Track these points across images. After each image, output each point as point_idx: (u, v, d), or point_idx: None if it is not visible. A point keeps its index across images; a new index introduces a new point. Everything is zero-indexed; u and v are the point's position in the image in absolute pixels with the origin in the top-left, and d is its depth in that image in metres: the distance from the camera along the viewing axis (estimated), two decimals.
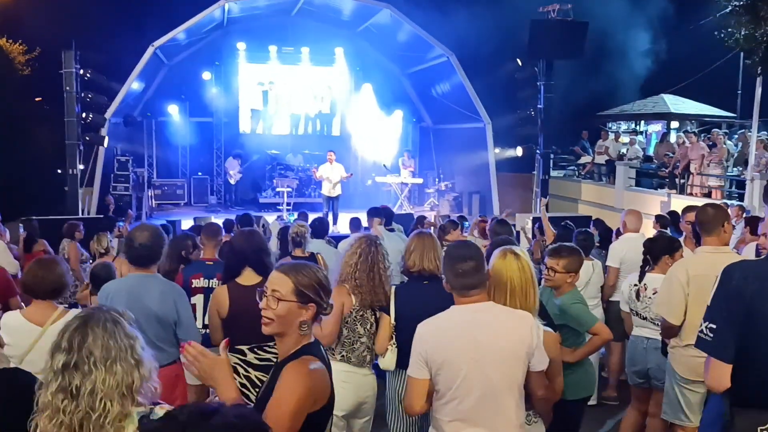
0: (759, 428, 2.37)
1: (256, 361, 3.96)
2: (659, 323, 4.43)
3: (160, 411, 2.06)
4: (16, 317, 3.68)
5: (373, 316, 4.08)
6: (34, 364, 3.53)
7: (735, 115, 22.54)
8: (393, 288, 4.05)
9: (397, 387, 4.06)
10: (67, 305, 7.95)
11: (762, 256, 2.61)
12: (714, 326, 2.46)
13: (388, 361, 3.95)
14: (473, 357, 2.79)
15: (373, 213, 7.63)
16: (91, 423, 1.95)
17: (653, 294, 4.62)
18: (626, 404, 5.11)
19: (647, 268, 4.80)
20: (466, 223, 10.27)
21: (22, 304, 4.82)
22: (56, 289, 3.78)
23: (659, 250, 4.76)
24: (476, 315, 2.87)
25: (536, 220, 11.15)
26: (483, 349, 2.79)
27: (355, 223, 8.14)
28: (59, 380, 1.97)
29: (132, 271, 4.07)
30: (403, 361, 3.91)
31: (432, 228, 8.75)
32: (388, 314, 3.96)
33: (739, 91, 21.93)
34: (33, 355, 3.63)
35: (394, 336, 3.94)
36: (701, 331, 2.51)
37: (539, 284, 3.53)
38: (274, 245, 7.29)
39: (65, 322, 3.67)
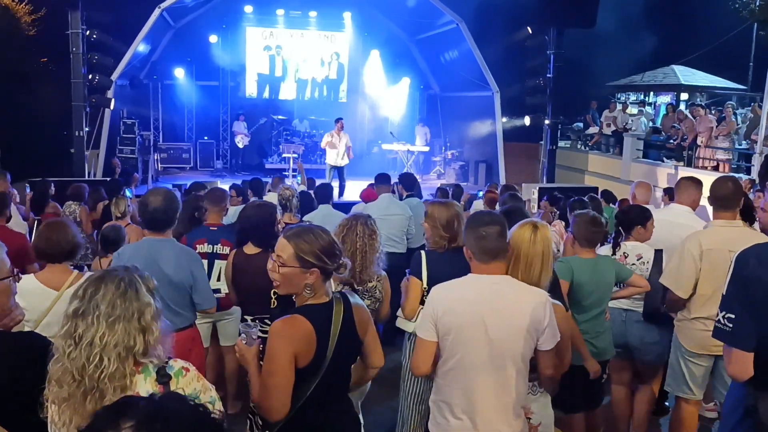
0: None
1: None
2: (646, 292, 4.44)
3: (174, 364, 2.17)
4: (31, 281, 3.68)
5: None
6: (51, 327, 3.54)
7: (746, 87, 22.30)
8: (423, 253, 4.02)
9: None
10: (73, 266, 8.05)
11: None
12: (732, 316, 2.40)
13: (419, 324, 3.96)
14: (482, 328, 2.79)
15: (379, 180, 7.41)
16: (87, 375, 2.00)
17: (638, 260, 4.61)
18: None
19: (620, 239, 4.77)
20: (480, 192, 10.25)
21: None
22: (70, 250, 3.78)
23: (632, 221, 4.73)
24: (492, 287, 2.86)
25: (542, 191, 11.12)
26: (493, 321, 2.79)
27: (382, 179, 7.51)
28: (67, 325, 2.06)
29: (147, 235, 4.08)
30: None
31: None
32: (419, 278, 3.94)
33: (751, 63, 21.68)
34: (49, 319, 3.64)
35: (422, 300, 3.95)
36: (719, 321, 2.46)
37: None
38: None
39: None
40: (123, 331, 2.04)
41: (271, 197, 7.58)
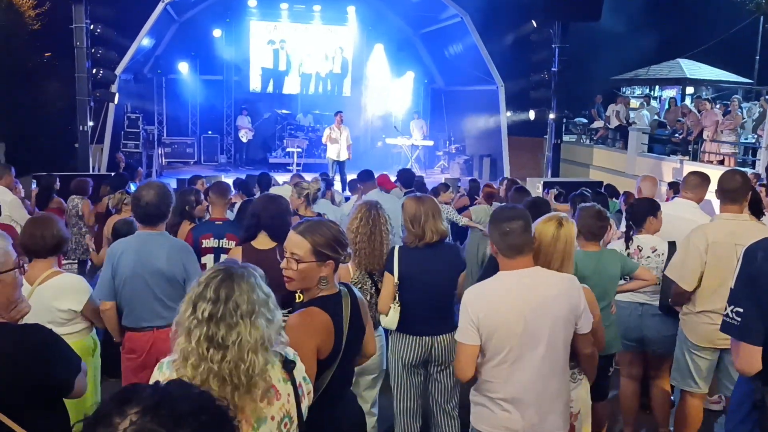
0: None
1: None
2: (660, 284, 4.42)
3: (289, 351, 2.20)
4: None
5: (373, 287, 4.06)
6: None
7: (752, 81, 22.18)
8: (396, 247, 4.00)
9: (400, 351, 4.04)
10: (76, 261, 8.06)
11: None
12: (740, 310, 2.40)
13: (390, 319, 3.93)
14: (522, 322, 2.81)
15: (363, 178, 7.36)
16: (241, 373, 1.99)
17: (652, 252, 4.61)
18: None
19: (632, 232, 4.77)
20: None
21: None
22: (56, 245, 3.77)
23: (642, 213, 4.74)
24: (524, 280, 2.88)
25: (546, 185, 11.11)
26: (532, 314, 2.82)
27: (363, 176, 7.58)
28: (204, 329, 2.00)
29: (140, 229, 4.07)
30: (405, 324, 3.95)
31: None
32: (392, 274, 3.93)
33: (758, 57, 21.56)
34: None
35: (397, 295, 3.94)
36: (727, 315, 2.46)
37: None
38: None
39: (56, 287, 3.70)
40: (262, 325, 2.04)
41: (278, 191, 7.56)
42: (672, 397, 5.18)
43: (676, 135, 16.01)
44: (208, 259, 4.97)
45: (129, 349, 3.97)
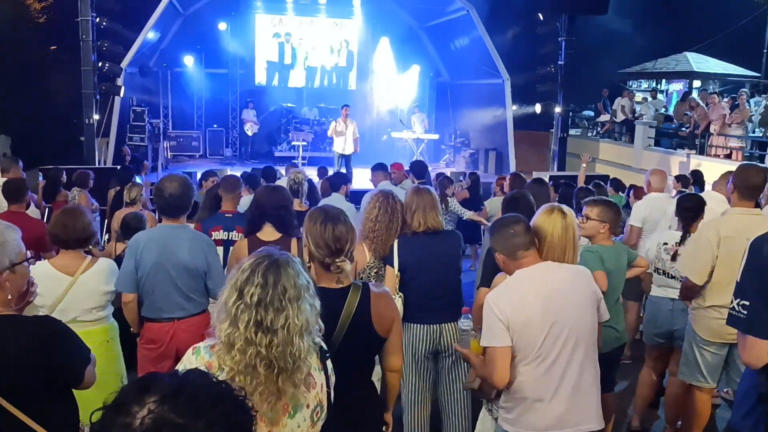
0: None
1: None
2: None
3: (319, 340, 2.21)
4: (44, 267, 3.71)
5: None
6: (66, 313, 3.58)
7: (760, 75, 22.09)
8: (397, 240, 4.04)
9: (409, 340, 4.04)
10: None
11: None
12: (747, 303, 2.38)
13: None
14: (554, 311, 2.79)
15: (377, 169, 7.46)
16: (288, 357, 2.01)
17: None
18: (640, 363, 5.11)
19: (688, 236, 4.72)
20: None
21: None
22: (87, 237, 3.81)
23: (698, 209, 4.70)
24: (541, 272, 2.87)
25: (552, 179, 11.08)
26: (560, 302, 2.81)
27: (375, 168, 7.68)
28: (253, 314, 2.01)
29: (162, 221, 4.10)
30: (411, 313, 3.99)
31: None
32: (392, 266, 3.97)
33: (765, 50, 21.47)
34: (65, 305, 3.67)
35: (397, 287, 3.97)
36: (733, 309, 2.44)
37: None
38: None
39: (100, 271, 3.75)
40: (307, 310, 2.06)
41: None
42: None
43: (683, 129, 15.96)
44: (218, 252, 4.97)
45: (148, 339, 3.99)
